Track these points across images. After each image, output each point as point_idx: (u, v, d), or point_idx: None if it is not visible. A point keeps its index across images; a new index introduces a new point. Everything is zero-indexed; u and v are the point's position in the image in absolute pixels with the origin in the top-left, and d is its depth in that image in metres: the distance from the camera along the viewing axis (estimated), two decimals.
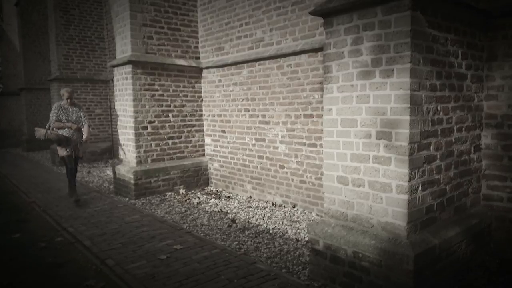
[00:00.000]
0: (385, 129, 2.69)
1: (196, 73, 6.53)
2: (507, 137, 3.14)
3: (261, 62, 5.33)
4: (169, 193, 6.13)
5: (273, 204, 5.28)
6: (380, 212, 2.73)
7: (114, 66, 6.26)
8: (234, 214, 4.93)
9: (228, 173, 6.20)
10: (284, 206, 5.15)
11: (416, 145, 2.64)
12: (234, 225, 4.49)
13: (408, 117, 2.57)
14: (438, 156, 2.84)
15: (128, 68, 5.85)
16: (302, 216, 4.72)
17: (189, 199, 5.80)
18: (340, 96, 2.94)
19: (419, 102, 2.64)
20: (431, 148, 2.77)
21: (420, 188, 2.68)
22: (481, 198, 3.33)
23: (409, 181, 2.60)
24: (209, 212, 5.08)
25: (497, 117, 3.19)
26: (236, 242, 3.95)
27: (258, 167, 5.58)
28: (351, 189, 2.91)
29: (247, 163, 5.78)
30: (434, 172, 2.81)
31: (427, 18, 2.64)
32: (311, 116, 4.72)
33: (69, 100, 5.69)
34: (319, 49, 4.41)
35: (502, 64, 3.14)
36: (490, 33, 3.19)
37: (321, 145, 4.54)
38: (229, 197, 5.83)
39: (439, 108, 2.81)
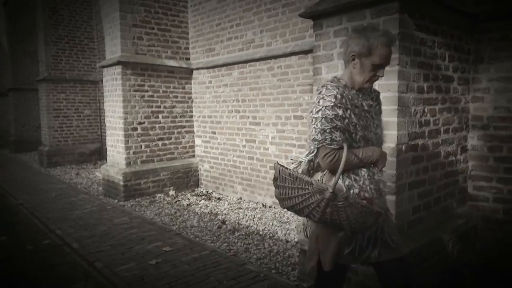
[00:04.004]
0: None
1: (187, 74, 6.51)
2: (493, 138, 3.19)
3: (252, 63, 5.34)
4: (159, 195, 6.10)
5: (263, 205, 5.28)
6: None
7: (103, 66, 6.20)
8: (224, 216, 4.92)
9: (219, 174, 6.19)
10: (274, 207, 5.16)
11: (403, 147, 2.67)
12: (224, 226, 4.48)
13: (396, 119, 2.61)
14: (425, 157, 2.87)
15: (118, 69, 5.80)
16: (292, 217, 4.73)
17: (179, 200, 5.78)
18: None
19: (406, 104, 2.67)
20: (418, 149, 2.81)
21: (407, 189, 2.71)
22: (467, 198, 3.38)
23: (396, 182, 2.63)
24: (199, 213, 5.06)
25: (483, 119, 3.25)
26: (226, 244, 3.95)
27: (249, 168, 5.58)
28: None
29: (237, 164, 5.78)
30: (421, 173, 2.85)
31: (415, 21, 2.68)
32: (301, 117, 4.74)
33: None
34: (309, 51, 4.43)
35: (488, 67, 3.20)
36: (476, 36, 3.25)
37: None
38: (219, 199, 5.82)
39: (426, 110, 2.85)
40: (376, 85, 2.69)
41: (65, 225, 4.65)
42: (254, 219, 4.73)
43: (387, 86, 2.64)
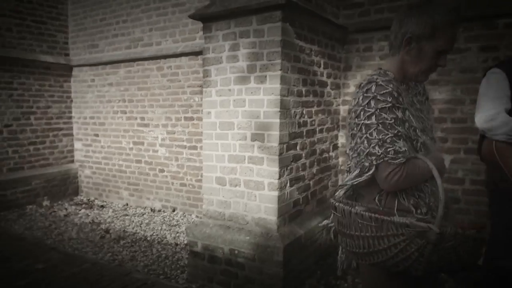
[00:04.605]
0: (258, 131, 2.85)
1: (65, 71, 5.90)
2: None
3: (140, 62, 5.12)
4: (30, 206, 5.35)
5: (151, 210, 5.07)
6: (254, 209, 2.87)
7: None
8: (108, 224, 4.58)
9: (102, 180, 5.73)
10: (164, 210, 5.01)
11: (285, 146, 2.86)
12: (108, 235, 4.17)
13: (278, 120, 2.77)
14: (304, 154, 3.13)
15: None
16: (182, 219, 4.66)
17: (54, 211, 5.17)
18: (219, 99, 3.01)
19: (287, 107, 2.87)
20: (298, 147, 3.04)
21: (288, 184, 2.91)
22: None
23: (279, 178, 2.80)
24: (78, 224, 4.61)
25: None
26: (110, 254, 3.67)
27: (136, 172, 5.30)
28: (228, 189, 3.00)
29: (123, 168, 5.44)
30: (300, 169, 3.09)
31: (295, 30, 2.90)
32: (191, 118, 4.72)
33: None
34: (200, 53, 4.44)
35: (356, 74, 3.65)
36: (346, 46, 3.68)
37: (201, 148, 4.56)
38: (102, 206, 5.39)
39: (304, 112, 3.11)
40: (261, 89, 2.85)
41: None
42: (142, 225, 4.51)
43: (271, 90, 2.79)
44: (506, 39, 2.94)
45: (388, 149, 1.24)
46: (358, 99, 1.32)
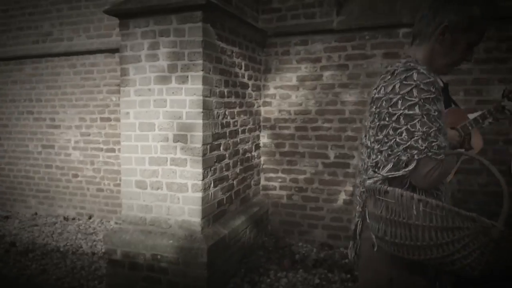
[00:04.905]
0: (181, 132, 2.81)
1: None
2: (279, 136, 3.81)
3: (49, 58, 4.69)
4: None
5: (64, 218, 4.69)
6: (177, 211, 2.83)
7: None
8: (13, 236, 4.13)
9: (5, 188, 5.14)
10: (79, 218, 4.67)
11: (208, 146, 2.87)
12: (14, 249, 3.76)
13: (201, 121, 2.77)
14: (227, 155, 3.17)
15: None
16: (100, 226, 4.39)
17: None
18: (138, 99, 2.91)
19: (210, 107, 2.88)
20: (221, 148, 3.07)
21: (212, 185, 2.93)
22: (260, 188, 3.91)
23: (203, 179, 2.80)
24: None
25: (271, 120, 3.83)
26: (17, 269, 3.32)
27: (46, 178, 4.85)
28: (149, 192, 2.91)
29: (31, 174, 4.94)
30: (224, 169, 3.12)
31: (217, 31, 2.92)
32: (108, 119, 4.48)
33: None
34: (117, 50, 4.23)
35: (275, 76, 3.79)
36: (266, 49, 3.80)
37: (119, 150, 4.35)
38: (6, 217, 4.83)
39: (227, 112, 3.15)
40: (183, 89, 2.81)
41: None
42: (53, 235, 4.15)
43: (193, 90, 2.77)
44: (405, 47, 3.30)
45: (433, 144, 1.14)
46: (393, 86, 1.19)
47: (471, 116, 2.27)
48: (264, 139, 3.85)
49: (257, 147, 3.81)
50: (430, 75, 1.16)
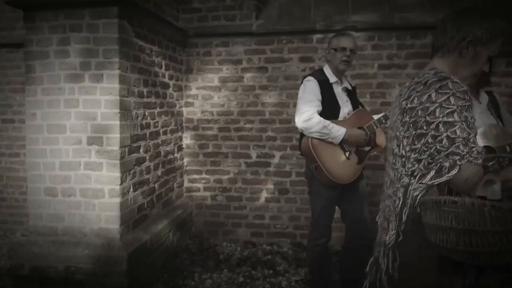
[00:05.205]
0: (96, 134, 2.67)
1: None
2: (202, 137, 3.79)
3: None
4: None
5: None
6: (93, 219, 2.68)
7: None
8: None
9: None
10: None
11: (127, 149, 2.75)
12: None
13: (118, 122, 2.65)
14: (148, 157, 3.08)
15: None
16: (3, 240, 3.95)
17: None
18: (46, 99, 2.70)
19: (128, 108, 2.77)
20: (141, 150, 2.97)
21: (131, 189, 2.82)
22: (184, 191, 3.86)
23: (121, 184, 2.68)
24: None
25: (194, 121, 3.79)
26: None
27: None
28: (61, 200, 2.71)
29: None
30: (144, 172, 3.03)
31: (134, 28, 2.81)
32: (11, 121, 4.04)
33: None
34: (21, 45, 3.81)
35: (197, 77, 3.75)
36: (187, 49, 3.74)
37: (25, 155, 3.94)
38: None
39: (146, 113, 3.05)
40: (98, 88, 2.66)
41: None
42: None
43: (109, 90, 2.65)
44: (319, 52, 3.51)
45: (473, 149, 1.17)
46: (428, 95, 1.21)
47: (376, 117, 2.56)
48: (187, 140, 3.80)
49: (180, 148, 3.75)
50: (463, 85, 1.21)
